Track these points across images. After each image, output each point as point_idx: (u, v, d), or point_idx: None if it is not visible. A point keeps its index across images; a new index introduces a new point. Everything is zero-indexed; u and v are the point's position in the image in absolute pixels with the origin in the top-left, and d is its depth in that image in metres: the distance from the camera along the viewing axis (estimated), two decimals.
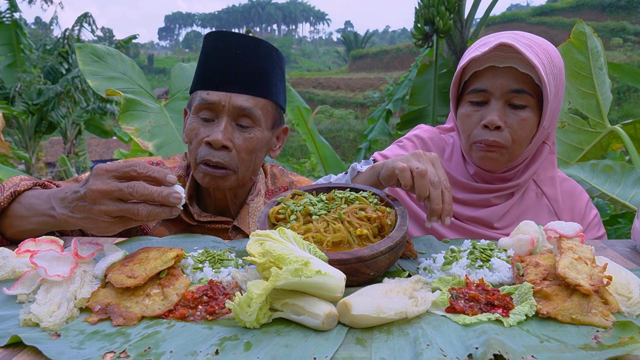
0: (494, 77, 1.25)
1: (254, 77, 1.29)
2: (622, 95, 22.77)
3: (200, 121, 1.30)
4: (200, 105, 1.28)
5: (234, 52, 1.27)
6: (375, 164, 1.20)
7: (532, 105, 1.26)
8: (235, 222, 1.41)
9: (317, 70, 71.85)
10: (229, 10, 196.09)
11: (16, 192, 1.14)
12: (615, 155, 3.70)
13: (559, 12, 43.26)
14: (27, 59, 11.61)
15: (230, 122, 1.28)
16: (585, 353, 0.65)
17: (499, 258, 0.93)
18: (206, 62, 1.31)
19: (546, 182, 1.42)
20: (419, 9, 4.96)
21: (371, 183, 1.20)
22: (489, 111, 1.26)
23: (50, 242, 0.95)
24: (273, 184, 1.54)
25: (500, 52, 1.24)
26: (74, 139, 14.44)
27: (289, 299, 0.75)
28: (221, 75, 1.27)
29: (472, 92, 1.29)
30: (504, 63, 1.24)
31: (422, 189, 1.02)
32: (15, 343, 0.69)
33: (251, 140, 1.30)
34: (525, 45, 1.22)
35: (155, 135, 2.70)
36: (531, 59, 1.19)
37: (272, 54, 1.32)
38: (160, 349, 0.67)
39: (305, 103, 4.66)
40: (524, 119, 1.25)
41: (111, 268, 0.87)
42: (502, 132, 1.26)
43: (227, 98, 1.26)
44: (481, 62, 1.27)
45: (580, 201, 1.46)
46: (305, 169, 10.81)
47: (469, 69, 1.31)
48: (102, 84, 2.74)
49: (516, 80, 1.24)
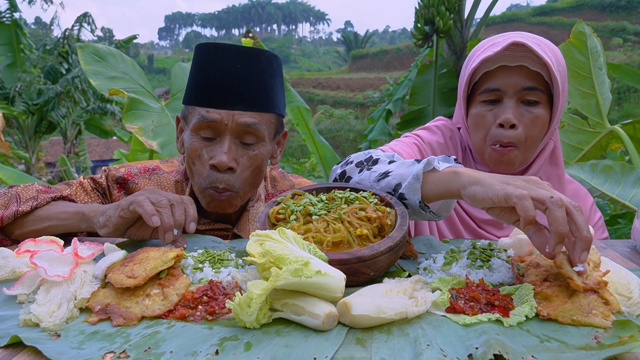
0: (506, 76, 1.26)
1: (257, 92, 1.22)
2: (622, 95, 22.76)
3: (200, 140, 1.24)
4: (201, 124, 1.22)
5: (234, 67, 1.20)
6: (460, 171, 0.94)
7: (544, 102, 1.27)
8: (235, 230, 1.39)
9: (317, 70, 71.84)
10: (229, 10, 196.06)
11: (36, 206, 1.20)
12: (615, 155, 3.70)
13: (559, 12, 43.28)
14: (27, 59, 11.60)
15: (234, 140, 1.23)
16: (586, 353, 0.65)
17: (499, 258, 0.93)
18: (203, 77, 1.23)
19: (553, 182, 1.42)
20: (419, 9, 4.96)
21: (445, 190, 0.95)
22: (503, 110, 1.26)
23: (50, 242, 0.95)
24: (273, 187, 1.52)
25: (511, 52, 1.25)
26: (74, 139, 14.43)
27: (289, 299, 0.75)
28: (222, 92, 1.20)
29: (484, 92, 1.30)
30: (515, 62, 1.25)
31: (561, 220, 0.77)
32: (15, 343, 0.69)
33: (256, 157, 1.25)
34: (535, 44, 1.24)
35: (158, 134, 2.70)
36: (543, 57, 1.20)
37: (272, 63, 1.26)
38: (160, 349, 0.67)
39: (305, 103, 4.65)
40: (537, 116, 1.27)
41: (111, 268, 0.87)
42: (516, 130, 1.26)
43: (229, 116, 1.20)
44: (492, 62, 1.27)
45: (585, 203, 1.46)
46: (305, 169, 10.81)
47: (480, 69, 1.31)
48: (104, 84, 2.74)
49: (528, 78, 1.25)
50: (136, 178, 1.39)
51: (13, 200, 1.21)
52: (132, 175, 1.40)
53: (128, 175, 1.39)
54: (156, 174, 1.42)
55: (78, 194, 1.34)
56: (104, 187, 1.39)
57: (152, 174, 1.41)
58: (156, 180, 1.41)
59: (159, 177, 1.41)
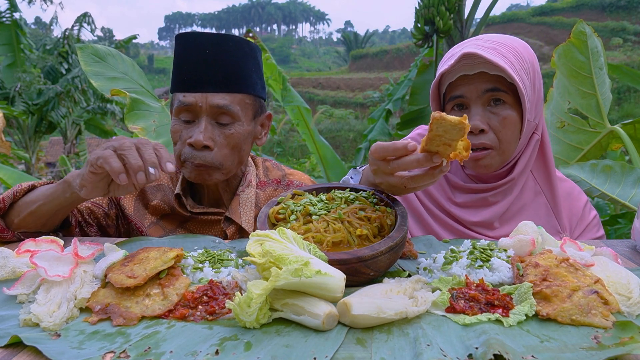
0: (467, 84, 1.28)
1: (227, 74, 1.30)
2: (622, 95, 22.77)
3: (181, 123, 1.33)
4: (179, 108, 1.31)
5: (203, 52, 1.29)
6: (362, 170, 1.23)
7: (510, 102, 1.28)
8: (227, 213, 1.44)
9: (317, 70, 71.81)
10: (229, 10, 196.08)
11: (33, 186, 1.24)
12: (615, 155, 3.70)
13: (559, 12, 43.26)
14: (27, 59, 11.59)
15: (210, 121, 1.31)
16: (586, 353, 0.65)
17: (499, 258, 0.93)
18: (179, 64, 1.33)
19: (544, 179, 1.43)
20: (419, 9, 4.96)
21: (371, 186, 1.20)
22: (471, 116, 1.28)
23: (51, 242, 0.95)
24: (265, 176, 1.57)
25: (468, 61, 1.27)
26: (74, 139, 14.43)
27: (289, 299, 0.75)
28: (194, 76, 1.29)
29: (450, 101, 1.33)
30: (474, 70, 1.26)
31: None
32: (15, 343, 0.69)
33: (232, 136, 1.33)
34: (489, 50, 1.24)
35: (160, 134, 2.71)
36: (497, 62, 1.21)
37: (242, 47, 1.33)
38: (160, 349, 0.67)
39: (305, 103, 4.65)
40: (505, 117, 1.27)
41: (111, 268, 0.87)
42: (487, 134, 1.28)
43: (203, 98, 1.29)
44: (452, 73, 1.30)
45: (578, 202, 1.46)
46: (305, 169, 10.81)
47: (444, 81, 1.34)
48: (105, 85, 2.74)
49: (489, 81, 1.27)
50: None
51: (15, 187, 1.26)
52: None
53: None
54: None
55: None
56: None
57: None
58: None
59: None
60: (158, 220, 1.47)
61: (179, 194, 1.43)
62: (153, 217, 1.46)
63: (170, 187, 1.48)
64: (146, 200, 1.47)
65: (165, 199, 1.46)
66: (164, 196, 1.47)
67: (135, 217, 1.46)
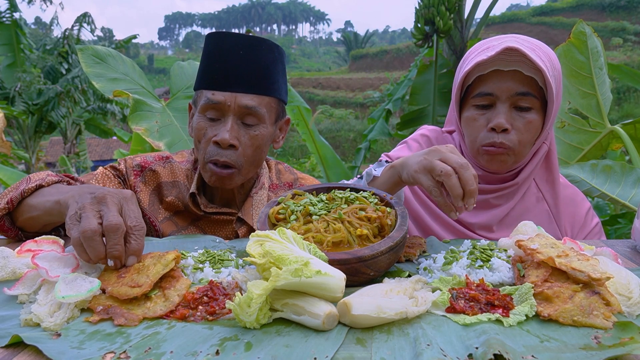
0: (499, 80, 1.25)
1: (258, 77, 1.32)
2: (622, 95, 22.76)
3: (206, 120, 1.33)
4: (206, 105, 1.32)
5: (237, 53, 1.30)
6: (394, 164, 1.18)
7: (537, 107, 1.27)
8: (239, 214, 1.45)
9: (317, 70, 71.84)
10: (228, 10, 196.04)
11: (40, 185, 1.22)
12: (615, 155, 3.70)
13: (559, 12, 43.26)
14: (27, 59, 11.60)
15: (236, 120, 1.32)
16: (586, 353, 0.65)
17: (499, 258, 0.93)
18: (210, 63, 1.34)
19: (547, 186, 1.42)
20: (419, 9, 4.96)
21: (393, 184, 1.18)
22: (496, 114, 1.26)
23: (52, 242, 0.95)
24: (278, 179, 1.58)
25: (505, 56, 1.24)
26: (74, 139, 14.44)
27: (289, 299, 0.75)
28: (226, 76, 1.30)
29: (477, 96, 1.29)
30: (509, 66, 1.24)
31: (454, 188, 0.99)
32: (16, 343, 0.69)
33: (257, 137, 1.34)
34: (530, 49, 1.22)
35: (163, 135, 2.71)
36: (537, 62, 1.19)
37: (273, 51, 1.35)
38: (160, 349, 0.67)
39: (305, 103, 4.65)
40: (530, 121, 1.26)
41: (107, 282, 0.84)
42: (508, 134, 1.26)
43: (232, 98, 1.30)
44: (486, 66, 1.26)
45: (581, 209, 1.45)
46: (305, 169, 10.81)
47: (473, 72, 1.30)
48: (106, 86, 2.74)
49: (521, 83, 1.24)
50: (153, 165, 1.47)
51: (24, 182, 1.25)
52: (148, 162, 1.48)
53: (145, 162, 1.48)
54: (170, 162, 1.50)
55: (105, 184, 1.41)
56: (124, 174, 1.46)
57: (166, 162, 1.50)
58: (170, 168, 1.49)
59: (172, 165, 1.49)
60: (171, 216, 1.46)
61: (194, 193, 1.42)
62: (167, 212, 1.46)
63: (185, 185, 1.47)
64: (161, 195, 1.46)
65: (180, 196, 1.46)
66: (178, 193, 1.46)
67: (150, 210, 1.45)
